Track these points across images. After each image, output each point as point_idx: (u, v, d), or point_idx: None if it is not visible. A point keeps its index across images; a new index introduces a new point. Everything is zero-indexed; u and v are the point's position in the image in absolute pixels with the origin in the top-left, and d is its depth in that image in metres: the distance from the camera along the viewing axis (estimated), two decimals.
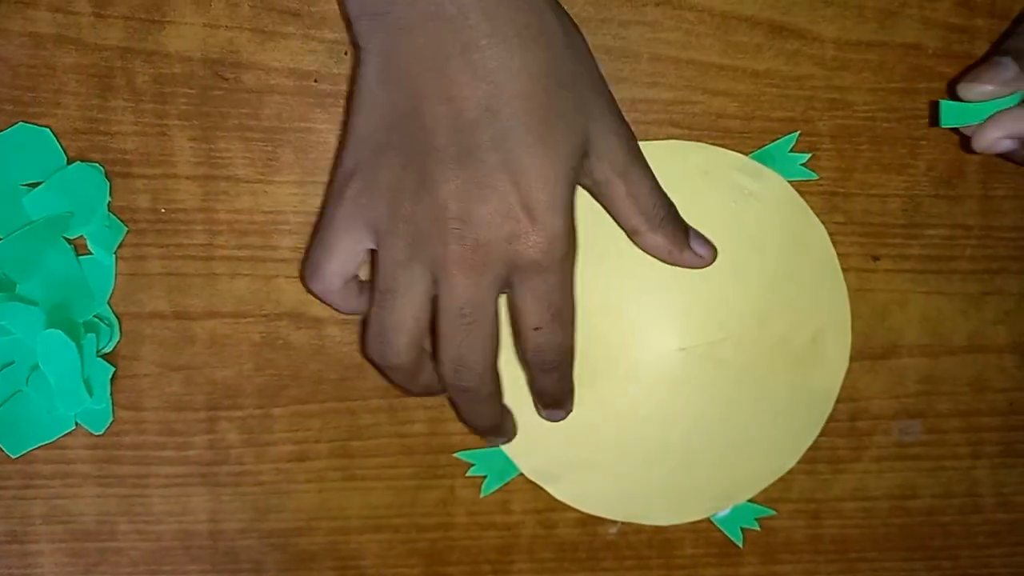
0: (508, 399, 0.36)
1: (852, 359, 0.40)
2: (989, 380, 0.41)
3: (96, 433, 0.37)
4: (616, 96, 0.37)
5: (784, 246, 0.39)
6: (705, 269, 0.38)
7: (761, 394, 0.39)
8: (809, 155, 0.39)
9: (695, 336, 0.38)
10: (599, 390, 0.38)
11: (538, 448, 0.39)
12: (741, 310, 0.39)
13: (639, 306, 0.38)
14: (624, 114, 0.37)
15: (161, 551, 0.38)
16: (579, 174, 0.30)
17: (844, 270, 0.39)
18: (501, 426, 0.36)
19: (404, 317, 0.31)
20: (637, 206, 0.32)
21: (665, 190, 0.36)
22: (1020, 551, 0.43)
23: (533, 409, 0.38)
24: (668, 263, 0.35)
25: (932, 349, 0.41)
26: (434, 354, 0.33)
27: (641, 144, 0.37)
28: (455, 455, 0.39)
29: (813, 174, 0.39)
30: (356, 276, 0.33)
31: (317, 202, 0.37)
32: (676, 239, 0.34)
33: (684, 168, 0.38)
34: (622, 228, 0.34)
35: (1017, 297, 0.41)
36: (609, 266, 0.38)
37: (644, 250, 0.34)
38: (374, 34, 0.29)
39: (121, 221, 0.37)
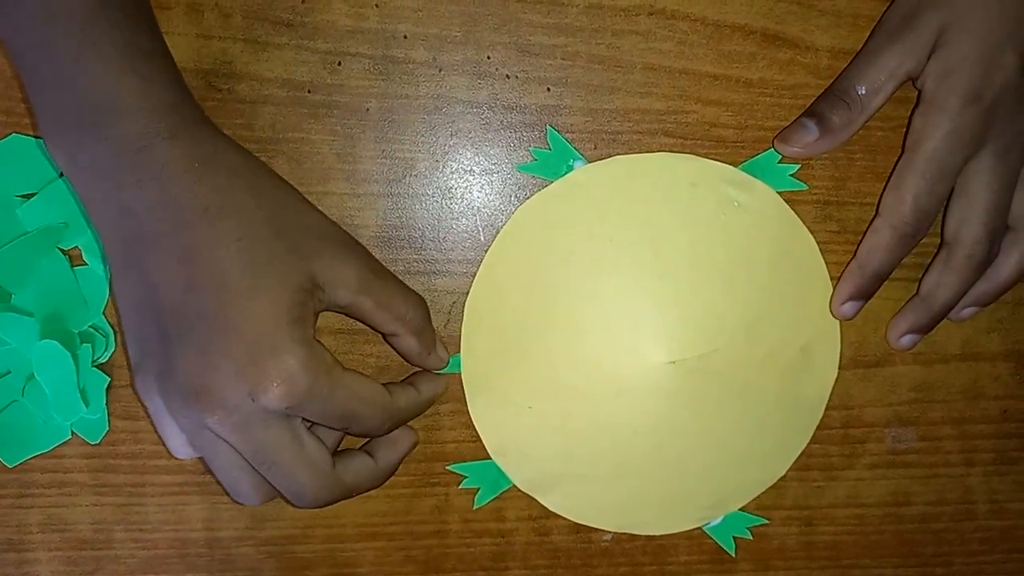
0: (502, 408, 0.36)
1: (845, 367, 0.40)
2: (982, 388, 0.41)
3: (92, 443, 0.38)
4: (609, 106, 0.37)
5: (773, 258, 0.39)
6: (695, 282, 0.38)
7: (751, 404, 0.39)
8: (798, 166, 0.39)
9: (684, 349, 0.38)
10: (590, 403, 0.39)
11: (530, 460, 0.39)
12: (730, 322, 0.39)
13: (629, 321, 0.38)
14: (618, 124, 0.38)
15: (158, 559, 0.39)
16: (308, 309, 0.31)
17: (837, 279, 0.39)
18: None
19: (232, 477, 0.32)
20: (391, 313, 0.34)
21: (655, 202, 0.36)
22: (1013, 558, 0.43)
23: (527, 420, 0.38)
24: (414, 364, 0.37)
25: (925, 357, 0.41)
26: None
27: (630, 157, 0.38)
28: (448, 468, 0.39)
29: (803, 184, 0.39)
30: None
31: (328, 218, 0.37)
32: (426, 343, 0.36)
33: (674, 180, 0.38)
34: (380, 333, 0.36)
35: (1010, 305, 0.41)
36: (599, 282, 0.38)
37: (397, 350, 0.36)
38: (107, 231, 0.31)
39: None
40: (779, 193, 0.39)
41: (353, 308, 0.33)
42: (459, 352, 0.38)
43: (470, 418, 0.39)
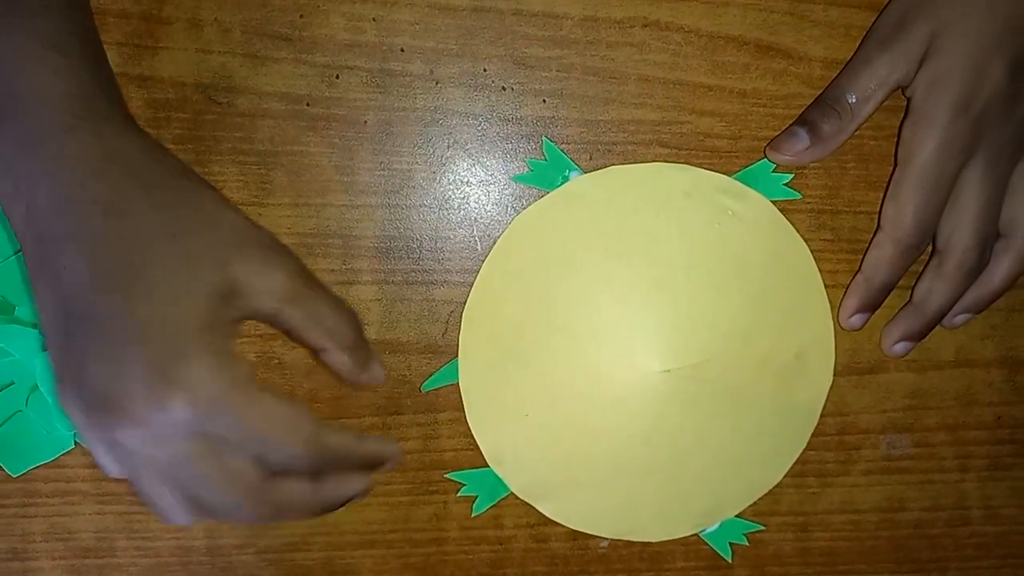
0: (499, 418, 0.37)
1: (840, 374, 0.41)
2: (976, 394, 0.42)
3: None
4: (604, 117, 0.38)
5: (767, 266, 0.39)
6: (689, 290, 0.38)
7: (745, 412, 0.40)
8: (792, 175, 0.39)
9: (678, 358, 0.39)
10: (587, 411, 0.39)
11: (528, 468, 0.39)
12: (724, 331, 0.39)
13: (624, 329, 0.39)
14: (613, 135, 0.38)
15: (159, 567, 0.39)
16: (223, 316, 0.29)
17: (832, 287, 0.40)
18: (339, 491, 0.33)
19: (156, 493, 0.29)
20: (321, 327, 0.31)
21: (650, 212, 0.36)
22: (1008, 563, 0.43)
23: (524, 428, 0.39)
24: (347, 381, 0.33)
25: (919, 364, 0.41)
26: None
27: (625, 167, 0.38)
28: (446, 475, 0.39)
29: (796, 194, 0.39)
30: None
31: (311, 224, 0.38)
32: (359, 359, 0.33)
33: (668, 190, 0.38)
34: (308, 349, 0.32)
35: (1004, 312, 0.41)
36: (594, 291, 0.38)
37: (328, 367, 0.33)
38: (18, 229, 0.30)
39: None
40: (773, 202, 0.39)
41: (278, 318, 0.31)
42: (456, 360, 0.39)
43: (468, 427, 0.39)
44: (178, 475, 0.29)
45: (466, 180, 0.38)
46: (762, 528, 0.41)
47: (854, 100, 0.37)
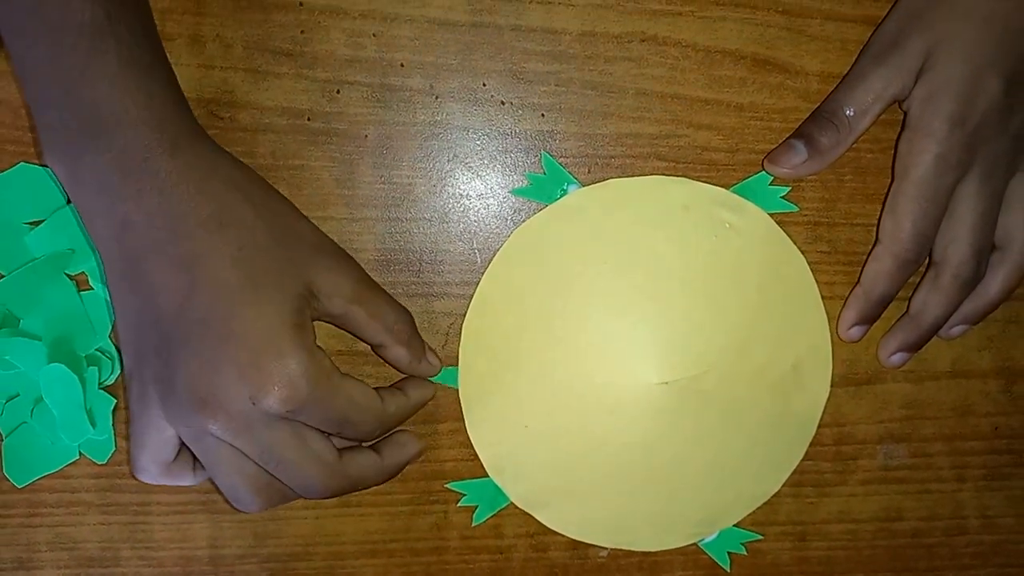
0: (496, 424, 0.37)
1: (837, 385, 0.41)
2: (973, 405, 0.42)
3: (99, 463, 0.39)
4: (603, 131, 0.38)
5: (765, 278, 0.39)
6: (687, 302, 0.39)
7: (743, 423, 0.40)
8: (789, 188, 0.39)
9: (676, 370, 0.39)
10: (585, 422, 0.39)
11: (527, 478, 0.40)
12: (722, 343, 0.39)
13: (622, 341, 0.39)
14: (611, 148, 0.38)
15: None
16: (307, 316, 0.32)
17: (829, 298, 0.40)
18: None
19: (233, 483, 0.33)
20: (382, 324, 0.35)
21: (648, 225, 0.37)
22: (1005, 572, 0.43)
23: (524, 439, 0.39)
24: (405, 372, 0.38)
25: (916, 375, 0.42)
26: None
27: (623, 180, 0.39)
28: (447, 485, 0.40)
29: (793, 206, 0.40)
30: (179, 457, 0.34)
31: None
32: (415, 351, 0.37)
33: (666, 203, 0.39)
34: (369, 344, 0.37)
35: (1000, 323, 0.42)
36: (593, 303, 0.39)
37: (386, 360, 0.37)
38: (107, 243, 0.32)
39: None
40: (770, 215, 0.39)
41: (346, 318, 0.34)
42: (456, 370, 0.39)
43: (468, 437, 0.39)
44: (265, 459, 0.32)
45: (465, 194, 0.39)
46: (760, 537, 0.42)
47: (851, 113, 0.38)
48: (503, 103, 0.38)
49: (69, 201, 0.37)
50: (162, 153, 0.31)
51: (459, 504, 0.40)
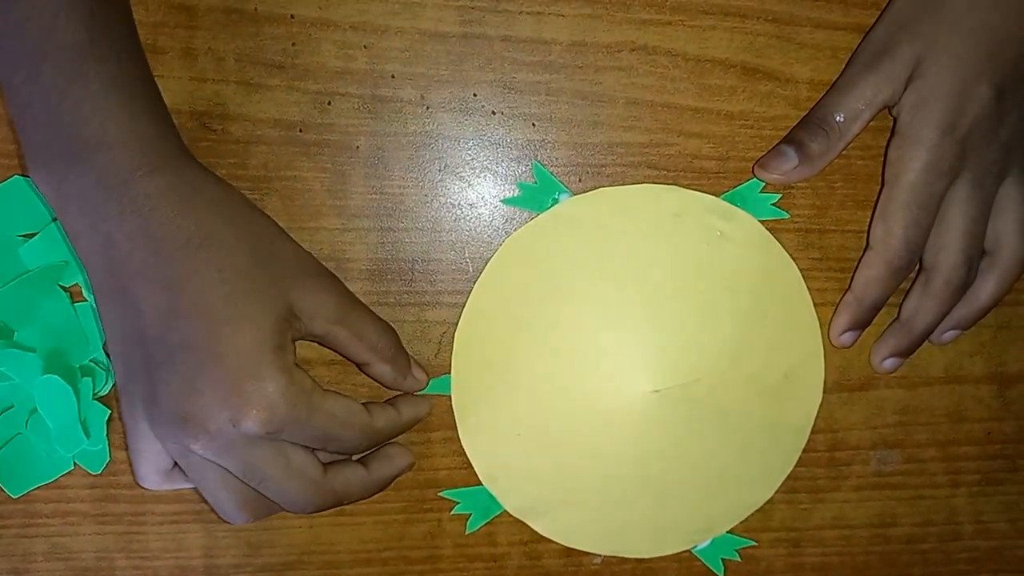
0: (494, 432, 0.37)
1: (830, 391, 0.41)
2: (966, 410, 0.42)
3: (94, 473, 0.39)
4: (593, 140, 0.38)
5: (756, 286, 0.40)
6: (679, 310, 0.39)
7: (736, 431, 0.40)
8: (780, 195, 0.40)
9: (668, 379, 0.39)
10: (577, 430, 0.39)
11: (521, 486, 0.40)
12: (714, 351, 0.39)
13: (614, 350, 0.39)
14: (602, 157, 0.38)
15: None
16: (288, 337, 0.33)
17: (821, 305, 0.40)
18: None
19: (218, 498, 0.33)
20: (365, 344, 0.35)
21: (639, 233, 0.37)
22: None
23: (516, 447, 0.39)
24: (390, 388, 0.38)
25: (909, 380, 0.42)
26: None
27: (614, 189, 0.39)
28: (440, 494, 0.40)
29: (784, 213, 0.40)
30: (177, 464, 0.34)
31: (304, 248, 0.38)
32: (400, 368, 0.37)
33: (657, 211, 0.39)
34: (353, 362, 0.37)
35: (992, 329, 0.42)
36: (584, 312, 0.39)
37: (372, 377, 0.37)
38: (91, 261, 0.32)
39: None
40: (761, 222, 0.40)
41: (328, 338, 0.35)
42: (449, 379, 0.39)
43: (461, 445, 0.39)
44: (249, 477, 0.32)
45: (457, 203, 0.39)
46: (754, 544, 0.42)
47: (841, 119, 0.38)
48: (494, 113, 0.38)
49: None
50: (143, 175, 0.31)
51: (452, 512, 0.40)
